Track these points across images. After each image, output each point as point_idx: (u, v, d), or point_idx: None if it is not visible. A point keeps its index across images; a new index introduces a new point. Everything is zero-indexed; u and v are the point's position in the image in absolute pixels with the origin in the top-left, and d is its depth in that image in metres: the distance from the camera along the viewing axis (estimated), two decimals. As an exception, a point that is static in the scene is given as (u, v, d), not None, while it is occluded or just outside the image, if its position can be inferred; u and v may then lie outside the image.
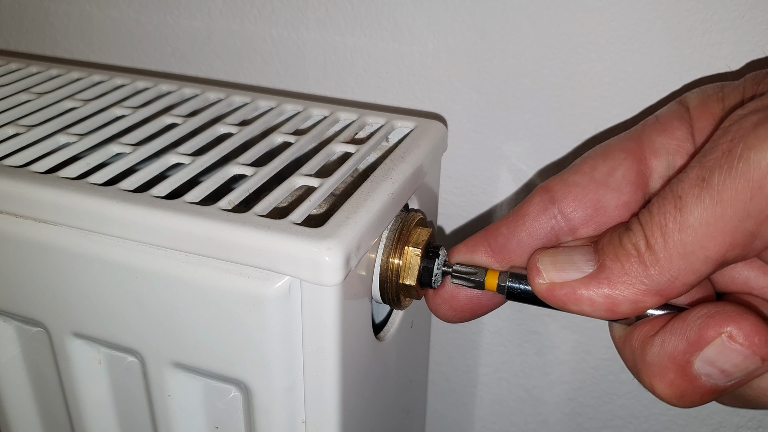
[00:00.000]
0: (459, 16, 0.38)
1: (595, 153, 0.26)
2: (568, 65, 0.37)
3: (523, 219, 0.26)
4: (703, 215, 0.21)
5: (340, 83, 0.42)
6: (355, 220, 0.25)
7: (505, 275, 0.26)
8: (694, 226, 0.21)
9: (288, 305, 0.25)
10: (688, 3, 0.34)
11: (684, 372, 0.22)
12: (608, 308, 0.22)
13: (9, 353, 0.33)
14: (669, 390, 0.22)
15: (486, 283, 0.26)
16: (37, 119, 0.34)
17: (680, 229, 0.21)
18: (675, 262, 0.21)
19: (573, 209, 0.25)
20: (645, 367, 0.22)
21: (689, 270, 0.21)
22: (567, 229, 0.25)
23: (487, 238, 0.27)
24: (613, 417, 0.45)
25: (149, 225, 0.26)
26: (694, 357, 0.21)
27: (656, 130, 0.25)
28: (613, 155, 0.25)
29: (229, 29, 0.44)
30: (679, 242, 0.21)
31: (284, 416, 0.27)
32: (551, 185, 0.26)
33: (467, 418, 0.49)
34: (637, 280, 0.22)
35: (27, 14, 0.49)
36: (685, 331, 0.22)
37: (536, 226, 0.26)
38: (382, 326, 0.32)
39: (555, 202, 0.25)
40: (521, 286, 0.25)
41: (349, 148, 0.31)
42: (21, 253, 0.29)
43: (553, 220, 0.25)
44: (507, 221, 0.26)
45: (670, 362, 0.22)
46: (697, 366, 0.21)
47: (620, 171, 0.25)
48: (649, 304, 0.22)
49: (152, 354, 0.29)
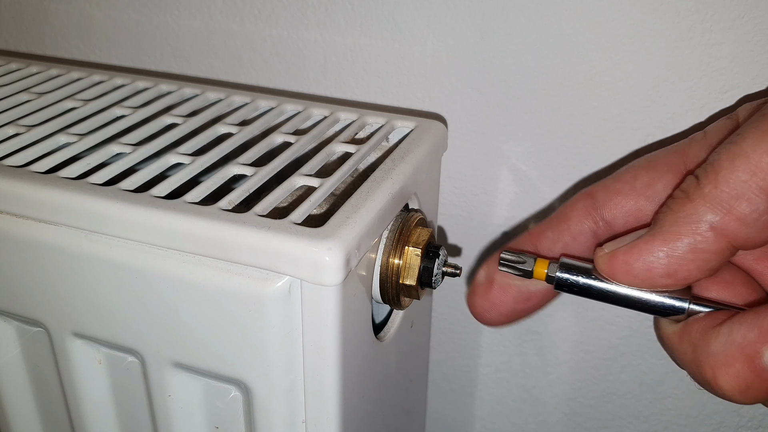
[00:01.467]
0: (459, 16, 0.38)
1: (640, 163, 0.26)
2: (568, 65, 0.37)
3: (567, 223, 0.26)
4: (757, 140, 0.20)
5: (340, 83, 0.42)
6: (355, 220, 0.25)
7: (555, 265, 0.25)
8: (746, 152, 0.20)
9: (288, 305, 0.25)
10: (688, 3, 0.34)
11: (752, 363, 0.21)
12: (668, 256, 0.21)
13: (9, 353, 0.33)
14: (734, 382, 0.21)
15: (534, 272, 0.26)
16: (37, 119, 0.34)
17: (733, 158, 0.20)
18: (725, 191, 0.20)
19: (614, 216, 0.25)
20: (708, 358, 0.22)
21: (743, 200, 0.20)
22: (607, 235, 0.26)
23: (533, 241, 0.27)
24: (613, 417, 0.45)
25: (149, 225, 0.26)
26: (765, 348, 0.21)
27: (704, 146, 0.25)
28: (656, 167, 0.25)
29: (229, 29, 0.44)
30: (731, 171, 0.20)
31: (284, 416, 0.27)
32: (594, 191, 0.26)
33: (467, 418, 0.49)
34: (688, 218, 0.21)
35: (27, 14, 0.49)
36: (758, 322, 0.21)
37: (579, 231, 0.26)
38: (382, 326, 0.32)
39: (597, 208, 0.26)
40: (571, 276, 0.25)
41: (349, 148, 0.31)
42: (21, 253, 0.29)
43: (595, 225, 0.26)
44: (551, 225, 0.27)
45: (738, 351, 0.21)
46: (767, 358, 0.21)
47: (661, 183, 0.25)
48: (709, 246, 0.21)
49: (152, 354, 0.29)
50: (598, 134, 0.38)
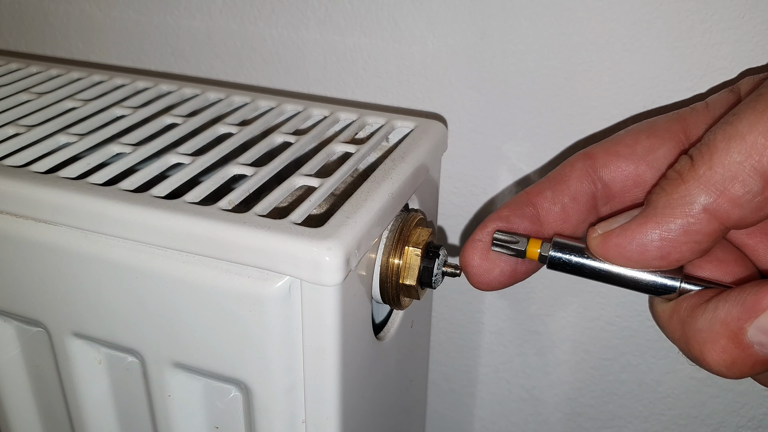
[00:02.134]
0: (459, 16, 0.38)
1: (640, 128, 0.26)
2: (568, 65, 0.37)
3: (566, 183, 0.25)
4: (753, 121, 0.20)
5: (340, 83, 0.42)
6: (355, 220, 0.25)
7: (548, 244, 0.25)
8: (742, 133, 0.20)
9: (288, 305, 0.25)
10: (688, 3, 0.34)
11: (736, 338, 0.21)
12: (661, 237, 0.22)
13: (9, 353, 0.33)
14: (719, 357, 0.21)
15: (527, 252, 0.25)
16: (37, 119, 0.34)
17: (728, 139, 0.20)
18: (719, 173, 0.20)
19: (613, 178, 0.25)
20: (695, 334, 0.22)
21: (736, 182, 0.20)
22: (605, 197, 0.25)
23: (531, 200, 0.26)
24: (613, 417, 0.45)
25: (149, 225, 0.26)
26: (748, 324, 0.21)
27: (704, 117, 0.25)
28: (658, 133, 0.25)
29: (229, 29, 0.44)
30: (725, 152, 0.20)
31: (284, 416, 0.27)
32: (593, 152, 0.25)
33: (467, 418, 0.49)
34: (681, 199, 0.21)
35: (27, 14, 0.49)
36: (741, 298, 0.21)
37: (579, 191, 0.25)
38: (382, 326, 0.32)
39: (596, 169, 0.25)
40: (564, 255, 0.25)
41: (349, 148, 0.31)
42: (21, 253, 0.29)
43: (593, 187, 0.25)
44: (550, 184, 0.26)
45: (722, 328, 0.21)
46: (750, 334, 0.21)
47: (662, 150, 0.25)
48: (701, 228, 0.21)
49: (152, 354, 0.29)
50: (598, 134, 0.38)
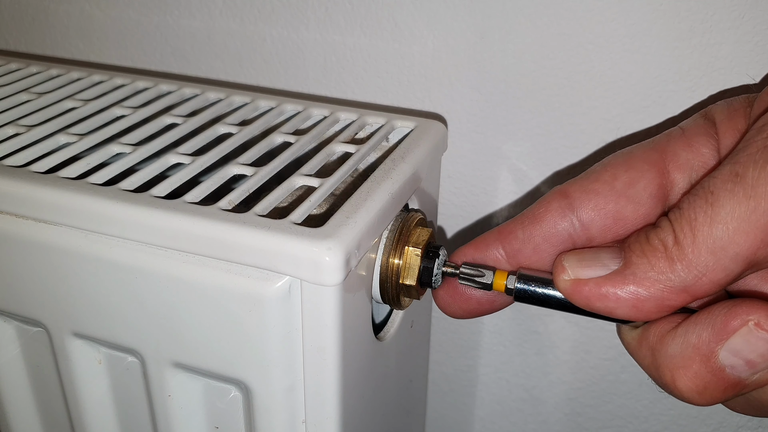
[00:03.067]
0: (459, 16, 0.38)
1: (617, 161, 0.25)
2: (568, 65, 0.37)
3: (540, 223, 0.25)
4: (735, 209, 0.20)
5: (340, 83, 0.42)
6: (355, 220, 0.25)
7: (513, 277, 0.25)
8: (725, 220, 0.20)
9: (288, 305, 0.25)
10: (688, 3, 0.34)
11: (708, 362, 0.21)
12: (633, 305, 0.22)
13: (9, 353, 0.33)
14: (691, 383, 0.21)
15: (494, 284, 0.26)
16: (37, 119, 0.34)
17: (710, 223, 0.20)
18: (703, 257, 0.20)
19: (591, 218, 0.24)
20: (666, 361, 0.22)
21: (718, 267, 0.20)
22: (584, 237, 0.25)
23: (501, 240, 0.26)
24: (613, 417, 0.45)
25: (149, 225, 0.26)
26: (719, 347, 0.21)
27: (682, 144, 0.25)
28: (636, 165, 0.24)
29: (229, 29, 0.44)
30: (709, 236, 0.20)
31: (284, 416, 0.27)
32: (570, 191, 0.25)
33: (467, 418, 0.49)
34: (664, 276, 0.21)
35: (27, 14, 0.49)
36: (711, 321, 0.21)
37: (553, 232, 0.25)
38: (382, 326, 0.32)
39: (573, 209, 0.25)
40: (530, 288, 0.25)
41: (349, 148, 0.31)
42: (21, 253, 0.29)
43: (571, 227, 0.25)
44: (522, 224, 0.25)
45: (694, 352, 0.21)
46: (722, 356, 0.21)
47: (642, 183, 0.24)
48: (675, 302, 0.21)
49: (152, 354, 0.29)
50: (598, 134, 0.38)
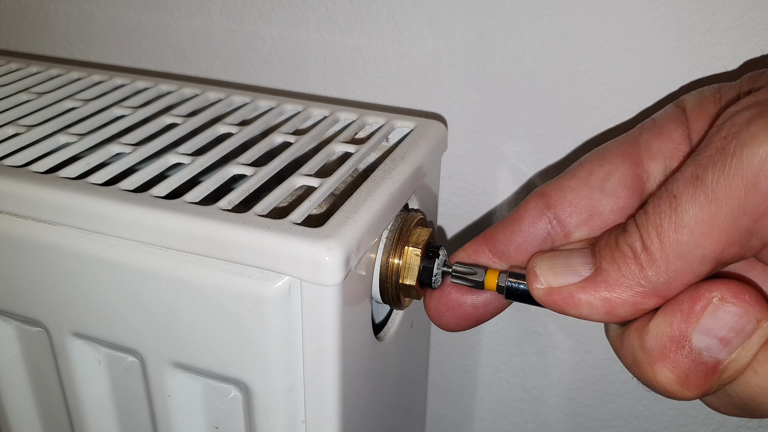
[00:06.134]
0: (459, 16, 0.38)
1: (592, 157, 0.26)
2: (568, 65, 0.37)
3: (519, 224, 0.26)
4: (698, 214, 0.20)
5: (340, 83, 0.42)
6: (355, 220, 0.25)
7: (505, 275, 0.26)
8: (689, 225, 0.21)
9: (288, 305, 0.25)
10: (688, 3, 0.34)
11: (683, 348, 0.21)
12: (607, 311, 0.22)
13: (9, 353, 0.33)
14: (671, 373, 0.21)
15: (485, 283, 0.26)
16: (37, 119, 0.34)
17: (676, 229, 0.21)
18: (672, 262, 0.21)
19: (568, 214, 0.25)
20: (645, 356, 0.22)
21: (686, 270, 0.21)
22: (562, 233, 0.25)
23: (486, 243, 0.27)
24: (613, 417, 0.45)
25: (149, 225, 0.26)
26: (691, 329, 0.21)
27: (653, 134, 0.25)
28: (610, 159, 0.25)
29: (229, 29, 0.44)
30: (675, 242, 0.21)
31: (284, 416, 0.27)
32: (547, 190, 0.26)
33: (467, 418, 0.49)
34: (635, 282, 0.22)
35: (27, 14, 0.49)
36: (678, 308, 0.21)
37: (532, 231, 0.26)
38: (382, 326, 0.32)
39: (550, 207, 0.25)
40: (521, 286, 0.25)
41: (349, 148, 0.31)
42: (21, 253, 0.29)
43: (548, 225, 0.25)
44: (503, 226, 0.26)
45: (669, 341, 0.21)
46: (695, 339, 0.21)
47: (616, 176, 0.25)
48: (648, 305, 0.22)
49: (152, 354, 0.29)
50: (598, 134, 0.38)
